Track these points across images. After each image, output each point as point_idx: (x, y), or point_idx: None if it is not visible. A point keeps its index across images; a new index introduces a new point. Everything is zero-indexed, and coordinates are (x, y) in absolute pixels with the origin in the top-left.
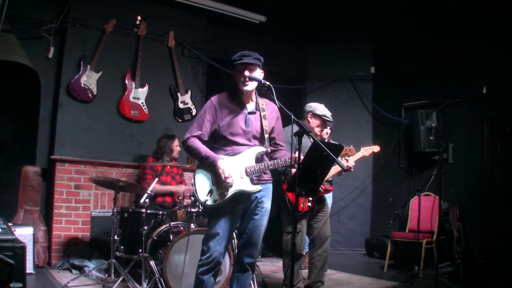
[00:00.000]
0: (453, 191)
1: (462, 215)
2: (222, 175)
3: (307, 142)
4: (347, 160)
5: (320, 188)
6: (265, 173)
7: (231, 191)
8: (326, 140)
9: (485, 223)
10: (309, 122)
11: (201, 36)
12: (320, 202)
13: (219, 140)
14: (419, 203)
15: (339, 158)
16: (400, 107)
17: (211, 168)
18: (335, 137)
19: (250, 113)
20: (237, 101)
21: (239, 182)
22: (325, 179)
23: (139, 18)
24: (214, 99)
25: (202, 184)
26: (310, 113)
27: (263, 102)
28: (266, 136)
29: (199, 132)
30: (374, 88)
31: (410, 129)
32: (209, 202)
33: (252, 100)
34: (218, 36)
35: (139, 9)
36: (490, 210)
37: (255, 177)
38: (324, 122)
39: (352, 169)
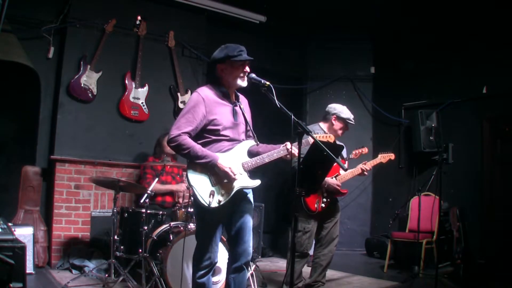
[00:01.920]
0: (453, 191)
1: (462, 215)
2: (230, 174)
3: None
4: (365, 163)
5: (336, 189)
6: None
7: (234, 189)
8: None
9: (485, 223)
10: (332, 124)
11: (201, 36)
12: (333, 203)
13: (207, 136)
14: (419, 203)
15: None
16: (400, 107)
17: (208, 168)
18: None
19: (234, 105)
20: (223, 94)
21: (239, 179)
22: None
23: (139, 18)
24: (201, 92)
25: (201, 186)
26: (335, 116)
27: (238, 95)
28: (249, 128)
29: (190, 128)
30: (374, 88)
31: (410, 129)
32: (213, 204)
33: (233, 94)
34: (218, 36)
35: (139, 9)
36: (490, 210)
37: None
38: (347, 125)
39: (366, 173)
